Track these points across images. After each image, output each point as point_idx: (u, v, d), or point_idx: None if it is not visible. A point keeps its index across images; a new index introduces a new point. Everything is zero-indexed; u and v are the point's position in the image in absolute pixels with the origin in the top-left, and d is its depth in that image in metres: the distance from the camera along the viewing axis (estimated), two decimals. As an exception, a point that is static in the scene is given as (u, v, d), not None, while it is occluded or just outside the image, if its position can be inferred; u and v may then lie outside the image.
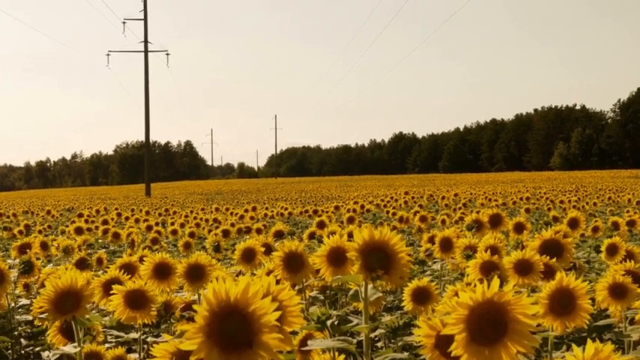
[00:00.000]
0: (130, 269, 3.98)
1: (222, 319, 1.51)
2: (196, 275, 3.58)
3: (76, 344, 2.68)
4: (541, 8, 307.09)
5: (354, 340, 2.27)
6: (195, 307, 1.52)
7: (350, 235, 2.71)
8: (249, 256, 4.32)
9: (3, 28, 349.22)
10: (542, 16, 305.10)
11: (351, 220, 10.52)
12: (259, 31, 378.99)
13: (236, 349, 1.52)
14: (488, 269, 3.41)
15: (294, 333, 2.79)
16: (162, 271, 3.71)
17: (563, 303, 2.63)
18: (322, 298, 4.70)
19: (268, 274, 3.45)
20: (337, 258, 2.76)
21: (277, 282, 1.76)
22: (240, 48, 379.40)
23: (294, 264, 3.33)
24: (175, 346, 1.85)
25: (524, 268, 3.39)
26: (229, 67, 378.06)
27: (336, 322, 2.60)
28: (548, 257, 3.50)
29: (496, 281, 1.71)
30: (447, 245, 4.93)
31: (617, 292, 3.30)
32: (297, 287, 3.61)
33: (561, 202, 17.77)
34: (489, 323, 1.71)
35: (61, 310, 2.65)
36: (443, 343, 1.94)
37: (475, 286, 1.74)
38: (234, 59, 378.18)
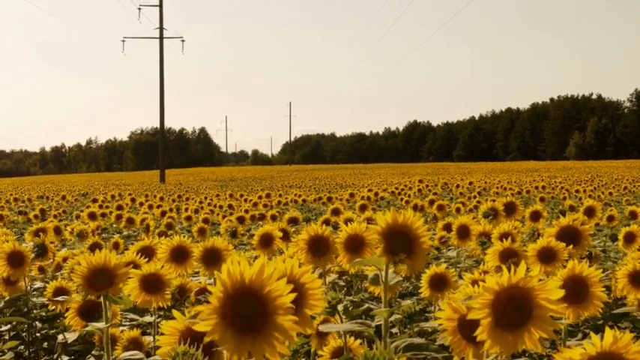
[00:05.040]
0: (148, 252, 3.98)
1: (236, 300, 1.50)
2: (213, 259, 3.58)
3: (103, 322, 2.70)
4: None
5: (373, 324, 2.26)
6: (209, 287, 1.52)
7: (369, 221, 2.68)
8: (267, 242, 4.31)
9: (18, 15, 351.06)
10: (560, 5, 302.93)
11: (364, 208, 10.50)
12: (274, 18, 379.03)
13: (251, 330, 1.51)
14: (507, 256, 3.38)
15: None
16: (179, 255, 3.71)
17: (575, 291, 2.60)
18: (342, 283, 4.69)
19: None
20: (355, 245, 2.74)
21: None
22: (255, 35, 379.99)
23: (320, 248, 3.29)
24: (185, 325, 1.84)
25: (547, 255, 3.35)
26: (244, 55, 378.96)
27: (350, 308, 2.59)
28: (565, 244, 3.47)
29: (523, 267, 1.70)
30: (464, 232, 4.91)
31: (637, 279, 3.27)
32: (317, 272, 3.60)
33: (577, 191, 17.65)
34: (514, 308, 1.70)
35: (94, 287, 2.68)
36: (466, 326, 1.92)
37: (494, 273, 1.73)
38: (250, 47, 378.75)
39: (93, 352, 3.98)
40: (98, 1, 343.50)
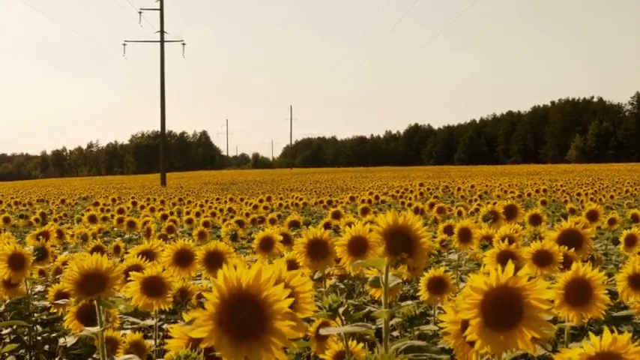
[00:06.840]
0: (149, 256, 3.98)
1: (233, 306, 1.49)
2: (215, 262, 3.59)
3: (98, 327, 2.70)
4: None
5: (373, 327, 2.25)
6: (205, 294, 1.51)
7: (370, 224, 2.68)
8: (267, 245, 4.32)
9: (20, 17, 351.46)
10: (561, 8, 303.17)
11: (365, 211, 10.51)
12: (274, 19, 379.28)
13: (248, 336, 1.50)
14: (506, 259, 3.37)
15: (309, 321, 2.78)
16: (183, 258, 3.72)
17: (579, 293, 2.59)
18: (343, 286, 4.69)
19: (289, 263, 3.43)
20: (358, 247, 2.74)
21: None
22: (255, 38, 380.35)
23: (319, 251, 3.29)
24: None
25: (543, 258, 3.35)
26: (244, 56, 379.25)
27: (352, 311, 2.58)
28: (567, 248, 3.46)
29: (510, 266, 1.71)
30: (465, 236, 4.91)
31: (637, 282, 3.27)
32: (316, 275, 3.60)
33: (578, 194, 17.67)
34: (504, 308, 1.71)
35: (86, 291, 2.68)
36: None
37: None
38: (250, 49, 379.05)
39: (94, 356, 3.97)
40: (98, 4, 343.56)
